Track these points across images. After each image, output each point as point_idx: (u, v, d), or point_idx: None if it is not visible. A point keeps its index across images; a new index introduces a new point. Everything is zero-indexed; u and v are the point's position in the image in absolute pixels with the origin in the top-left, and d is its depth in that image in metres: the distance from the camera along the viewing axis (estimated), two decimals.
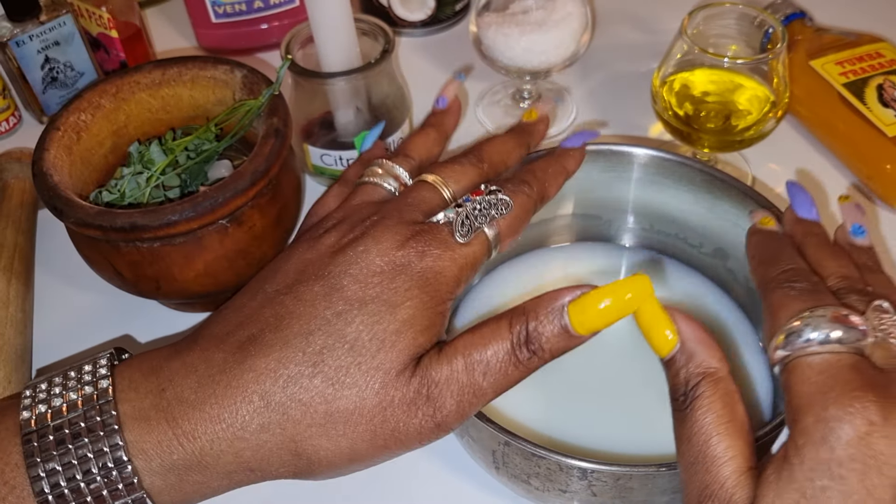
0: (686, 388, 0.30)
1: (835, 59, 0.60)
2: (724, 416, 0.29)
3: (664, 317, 0.31)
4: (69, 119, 0.48)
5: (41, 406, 0.30)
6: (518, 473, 0.38)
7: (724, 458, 0.28)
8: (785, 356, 0.29)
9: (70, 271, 0.54)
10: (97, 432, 0.29)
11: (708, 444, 0.28)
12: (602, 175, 0.49)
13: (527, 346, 0.31)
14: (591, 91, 0.68)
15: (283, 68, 0.49)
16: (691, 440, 0.29)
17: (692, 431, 0.29)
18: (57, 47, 0.64)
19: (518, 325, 0.31)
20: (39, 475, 0.29)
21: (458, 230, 0.34)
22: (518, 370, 0.31)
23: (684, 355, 0.30)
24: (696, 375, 0.30)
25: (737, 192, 0.45)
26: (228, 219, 0.45)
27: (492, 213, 0.35)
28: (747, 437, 0.29)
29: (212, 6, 0.69)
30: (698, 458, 0.29)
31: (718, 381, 0.30)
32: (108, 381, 0.31)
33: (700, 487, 0.28)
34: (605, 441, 0.42)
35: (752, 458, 0.28)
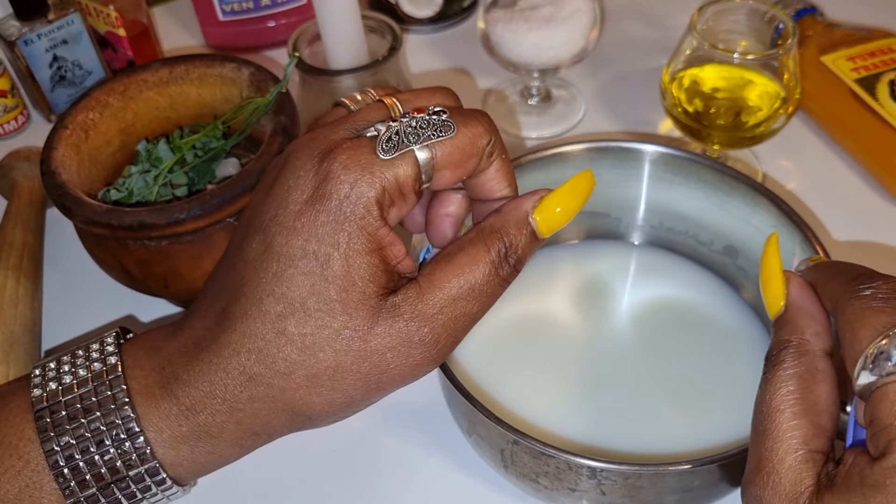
0: (772, 351, 0.29)
1: (846, 55, 0.60)
2: (795, 392, 0.28)
3: (779, 278, 0.31)
4: (77, 117, 0.48)
5: (52, 384, 0.31)
6: (527, 472, 0.37)
7: (784, 436, 0.27)
8: (871, 382, 0.26)
9: (78, 270, 0.54)
10: (108, 406, 0.30)
11: (771, 417, 0.28)
12: (611, 172, 0.48)
13: (507, 261, 0.31)
14: (599, 88, 0.67)
15: (290, 66, 0.49)
16: (761, 407, 0.29)
17: (763, 399, 0.29)
18: (65, 46, 0.64)
19: (495, 244, 0.31)
20: (54, 449, 0.30)
21: (382, 144, 0.29)
22: (502, 286, 0.32)
23: (783, 318, 0.30)
24: (783, 342, 0.29)
25: (747, 189, 0.45)
26: (236, 217, 0.45)
27: (429, 132, 0.30)
28: (816, 420, 0.27)
29: (219, 4, 0.69)
30: (762, 427, 0.28)
31: (804, 353, 0.28)
32: (117, 357, 0.31)
33: (757, 458, 0.28)
34: (614, 440, 0.42)
35: (816, 441, 0.27)
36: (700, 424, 0.43)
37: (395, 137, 0.30)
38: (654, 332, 0.47)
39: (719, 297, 0.49)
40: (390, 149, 0.29)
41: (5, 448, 0.30)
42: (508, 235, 0.31)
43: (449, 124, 0.30)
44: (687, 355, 0.46)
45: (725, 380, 0.45)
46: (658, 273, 0.50)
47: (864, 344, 0.26)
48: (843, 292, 0.29)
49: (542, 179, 0.47)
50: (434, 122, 0.30)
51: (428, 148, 0.30)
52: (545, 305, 0.49)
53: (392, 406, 0.47)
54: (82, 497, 0.30)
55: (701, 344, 0.46)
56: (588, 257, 0.51)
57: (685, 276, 0.50)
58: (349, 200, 0.29)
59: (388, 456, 0.45)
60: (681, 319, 0.48)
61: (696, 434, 0.42)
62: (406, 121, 0.30)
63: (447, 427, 0.44)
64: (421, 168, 0.30)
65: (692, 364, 0.45)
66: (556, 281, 0.50)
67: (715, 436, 0.42)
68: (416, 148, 0.30)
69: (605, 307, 0.48)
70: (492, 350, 0.46)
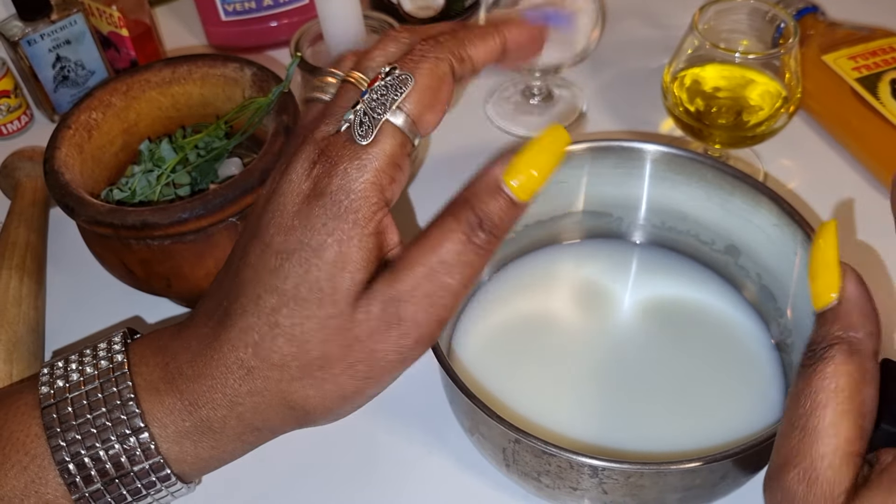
0: (819, 345, 0.28)
1: (847, 54, 0.60)
2: (844, 391, 0.27)
3: (835, 269, 0.29)
4: (80, 117, 0.49)
5: (59, 381, 0.31)
6: (528, 471, 0.38)
7: (827, 433, 0.26)
8: None
9: (81, 269, 0.54)
10: (114, 401, 0.30)
11: (814, 413, 0.27)
12: (613, 171, 0.49)
13: (480, 228, 0.30)
14: (601, 87, 0.67)
15: (292, 66, 0.49)
16: (800, 400, 0.27)
17: (805, 392, 0.27)
18: (68, 46, 0.64)
19: (464, 213, 0.30)
20: (59, 444, 0.30)
21: (357, 132, 0.30)
22: (480, 255, 0.31)
23: (835, 314, 0.28)
24: (834, 338, 0.28)
25: (749, 189, 0.45)
26: (238, 216, 0.45)
27: (391, 97, 0.30)
28: (861, 422, 0.27)
29: (221, 4, 0.69)
30: (799, 423, 0.27)
31: (855, 353, 0.27)
32: (123, 355, 0.32)
33: (790, 453, 0.27)
34: (615, 439, 0.42)
35: (857, 443, 0.27)
36: (701, 423, 0.43)
37: (365, 119, 0.30)
38: (656, 332, 0.47)
39: (720, 297, 0.49)
40: (366, 131, 0.30)
41: (12, 444, 0.30)
42: (479, 202, 0.30)
43: (404, 77, 0.31)
44: (688, 354, 0.46)
45: (726, 379, 0.45)
46: (659, 272, 0.50)
47: None
48: None
49: None
50: (391, 84, 0.31)
51: (399, 110, 0.30)
52: (547, 304, 0.49)
53: (394, 405, 0.47)
54: (87, 492, 0.30)
55: (702, 343, 0.46)
56: (590, 256, 0.51)
57: (686, 276, 0.50)
58: (344, 191, 0.30)
59: (390, 455, 0.45)
60: (682, 319, 0.48)
61: (697, 433, 0.42)
62: (367, 98, 0.30)
63: (449, 426, 0.44)
64: (403, 130, 0.31)
65: (693, 363, 0.46)
66: (557, 280, 0.50)
67: (716, 434, 0.42)
68: (388, 117, 0.30)
69: (606, 306, 0.49)
70: (493, 349, 0.46)
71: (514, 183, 0.30)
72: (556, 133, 0.31)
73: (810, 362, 0.28)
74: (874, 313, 0.28)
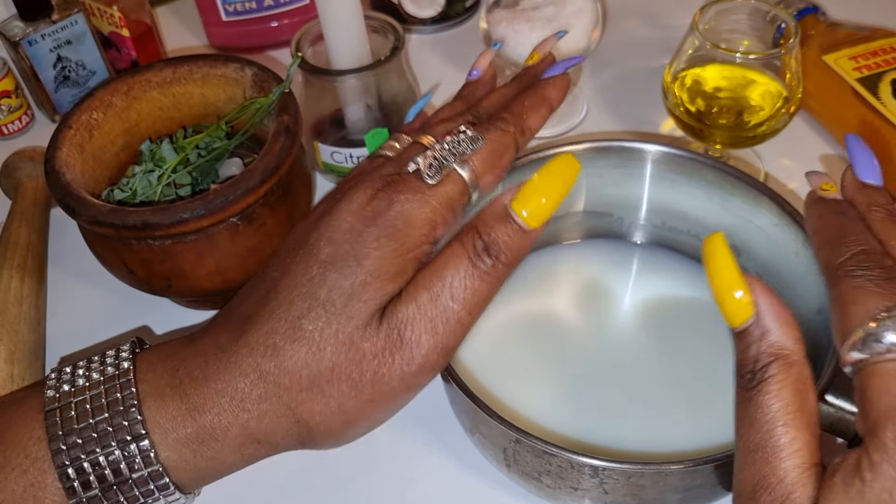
0: (755, 366, 0.27)
1: (848, 54, 0.60)
2: (793, 405, 0.27)
3: (741, 283, 0.28)
4: (81, 118, 0.49)
5: (65, 385, 0.32)
6: (529, 471, 0.38)
7: (789, 450, 0.26)
8: (860, 359, 0.26)
9: (82, 269, 0.54)
10: (117, 407, 0.30)
11: (772, 434, 0.26)
12: (613, 172, 0.49)
13: (486, 254, 0.31)
14: (601, 87, 0.67)
15: (293, 66, 0.49)
16: (753, 425, 0.27)
17: (756, 416, 0.27)
18: (69, 46, 0.64)
19: (470, 238, 0.31)
20: (60, 448, 0.30)
21: (427, 172, 0.33)
22: (485, 282, 0.31)
23: (758, 329, 0.28)
24: (767, 355, 0.27)
25: (749, 189, 0.45)
26: (239, 217, 0.45)
27: (461, 149, 0.33)
28: (814, 431, 0.27)
29: (222, 4, 0.69)
30: (759, 446, 0.27)
31: (792, 364, 0.27)
32: (129, 363, 0.32)
33: (756, 478, 0.27)
34: (616, 439, 0.42)
35: (817, 453, 0.27)
36: (702, 423, 0.43)
37: (435, 163, 0.33)
38: (656, 332, 0.47)
39: None
40: (435, 173, 0.33)
41: (14, 447, 0.30)
42: (486, 229, 0.31)
43: (476, 138, 0.34)
44: (689, 354, 0.46)
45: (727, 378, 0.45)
46: (660, 272, 0.50)
47: (853, 322, 0.27)
48: (838, 267, 0.29)
49: None
50: (463, 140, 0.34)
51: (466, 163, 0.33)
52: (547, 305, 0.49)
53: None
54: (85, 498, 0.30)
55: (703, 343, 0.46)
56: (590, 256, 0.51)
57: (687, 276, 0.50)
58: (402, 216, 0.32)
59: (391, 455, 0.45)
60: (683, 318, 0.48)
61: (698, 433, 0.42)
62: (439, 147, 0.33)
63: (449, 426, 0.44)
64: (466, 181, 0.33)
65: (694, 363, 0.46)
66: (558, 280, 0.50)
67: (717, 434, 0.42)
68: (456, 166, 0.33)
69: (607, 306, 0.49)
70: (494, 349, 0.46)
71: (525, 213, 0.32)
72: (566, 160, 0.32)
73: (749, 386, 0.27)
74: (791, 318, 0.28)
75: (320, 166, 0.59)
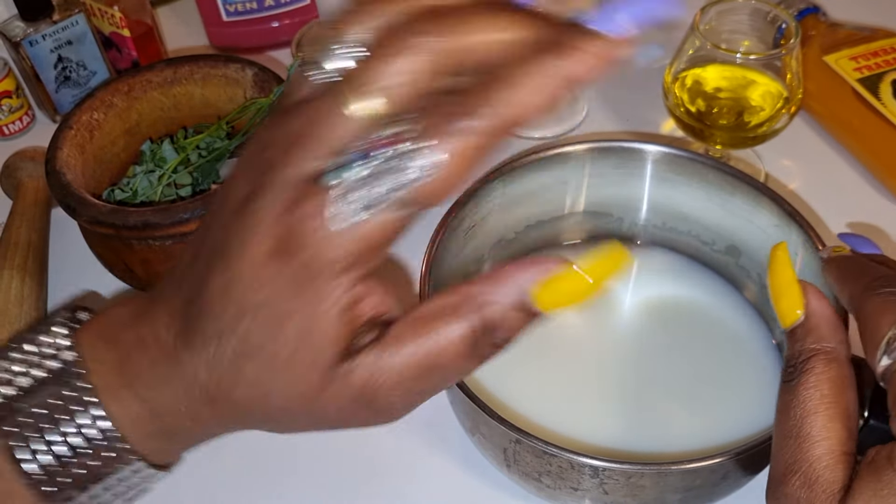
0: (798, 360, 0.29)
1: (849, 55, 0.60)
2: (828, 396, 0.28)
3: (796, 288, 0.31)
4: (82, 118, 0.49)
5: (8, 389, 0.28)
6: (529, 471, 0.38)
7: (820, 437, 0.28)
8: (889, 364, 0.28)
9: (83, 269, 0.54)
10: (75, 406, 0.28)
11: (805, 421, 0.28)
12: (614, 172, 0.49)
13: (487, 339, 0.27)
14: (602, 87, 0.67)
15: (293, 66, 0.49)
16: (789, 412, 0.29)
17: (793, 404, 0.29)
18: (70, 46, 0.64)
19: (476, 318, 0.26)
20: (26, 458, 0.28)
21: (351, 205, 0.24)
22: (475, 363, 0.28)
23: (805, 329, 0.30)
24: (810, 350, 0.29)
25: (750, 189, 0.45)
26: None
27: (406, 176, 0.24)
28: (848, 423, 0.28)
29: (223, 5, 0.69)
30: (793, 433, 0.28)
31: (832, 360, 0.29)
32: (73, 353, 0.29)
33: (788, 461, 0.28)
34: (616, 439, 0.42)
35: (848, 444, 0.28)
36: (702, 424, 0.43)
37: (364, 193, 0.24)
38: (657, 332, 0.47)
39: (721, 297, 0.49)
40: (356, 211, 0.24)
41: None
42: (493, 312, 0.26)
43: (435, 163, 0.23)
44: (689, 355, 0.46)
45: (727, 379, 0.45)
46: (660, 273, 0.50)
47: (884, 331, 0.28)
48: (864, 289, 0.31)
49: (545, 179, 0.47)
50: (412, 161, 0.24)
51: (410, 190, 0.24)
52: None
53: None
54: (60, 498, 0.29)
55: (703, 343, 0.46)
56: None
57: (687, 276, 0.50)
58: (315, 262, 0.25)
59: (391, 455, 0.45)
60: (683, 319, 0.48)
61: (697, 433, 0.42)
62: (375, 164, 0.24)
63: (450, 426, 0.44)
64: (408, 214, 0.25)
65: (694, 363, 0.46)
66: None
67: (717, 435, 0.42)
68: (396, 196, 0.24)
69: (607, 307, 0.49)
70: None
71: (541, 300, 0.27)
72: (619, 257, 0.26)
73: (792, 377, 0.29)
74: (840, 322, 0.30)
75: None
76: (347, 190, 0.24)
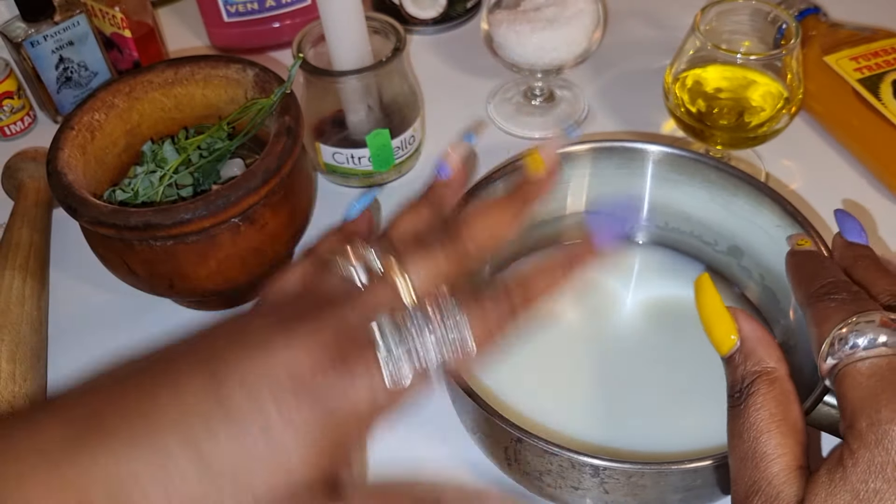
0: (742, 384, 0.30)
1: (849, 55, 0.60)
2: (776, 415, 0.29)
3: (726, 315, 0.32)
4: (83, 118, 0.49)
5: None
6: (530, 470, 0.38)
7: (774, 455, 0.28)
8: (833, 365, 0.29)
9: (84, 270, 0.55)
10: None
11: (758, 441, 0.29)
12: (615, 172, 0.49)
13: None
14: (602, 88, 0.67)
15: (294, 67, 0.49)
16: (742, 436, 0.29)
17: (744, 427, 0.29)
18: (71, 47, 0.64)
19: None
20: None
21: (388, 370, 0.27)
22: None
23: (743, 353, 0.31)
24: (752, 374, 0.30)
25: (751, 189, 0.45)
26: (241, 217, 0.45)
27: (441, 351, 0.28)
28: (799, 437, 0.29)
29: (224, 5, 0.69)
30: (748, 454, 0.29)
31: (774, 380, 0.30)
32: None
33: (748, 483, 0.29)
34: (617, 438, 0.42)
35: (802, 457, 0.29)
36: (703, 423, 0.43)
37: (400, 362, 0.27)
38: (658, 332, 0.47)
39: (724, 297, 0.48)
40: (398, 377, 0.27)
41: None
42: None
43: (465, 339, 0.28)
44: (690, 354, 0.46)
45: None
46: (662, 272, 0.50)
47: (824, 335, 0.30)
48: (811, 295, 0.33)
49: None
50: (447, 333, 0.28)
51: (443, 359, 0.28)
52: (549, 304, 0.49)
53: None
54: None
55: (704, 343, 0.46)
56: None
57: (689, 276, 0.50)
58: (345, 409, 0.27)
59: (392, 454, 0.45)
60: (684, 319, 0.48)
61: (698, 433, 0.42)
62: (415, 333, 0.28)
63: (451, 425, 0.44)
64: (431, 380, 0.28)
65: (695, 363, 0.46)
66: None
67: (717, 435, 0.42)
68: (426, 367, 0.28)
69: (608, 306, 0.49)
70: None
71: None
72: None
73: (739, 401, 0.30)
74: (774, 341, 0.31)
75: (322, 167, 0.59)
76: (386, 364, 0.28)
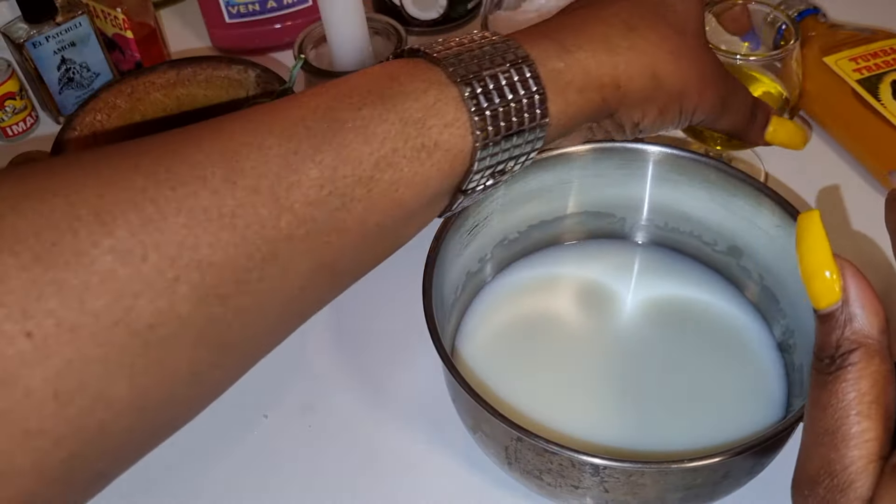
0: (836, 352, 0.27)
1: (849, 56, 0.60)
2: (869, 396, 0.26)
3: (833, 265, 0.27)
4: (85, 119, 0.49)
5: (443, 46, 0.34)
6: (530, 469, 0.38)
7: (859, 440, 0.26)
8: None
9: None
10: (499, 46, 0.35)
11: (845, 421, 0.26)
12: (616, 172, 0.49)
13: None
14: None
15: (296, 68, 0.49)
16: (826, 410, 0.26)
17: (830, 402, 0.26)
18: (73, 48, 0.64)
19: None
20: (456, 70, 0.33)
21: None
22: None
23: (844, 315, 0.27)
24: (850, 342, 0.27)
25: (751, 190, 0.45)
26: None
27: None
28: (888, 424, 0.26)
29: (225, 6, 0.69)
30: (829, 431, 0.26)
31: (874, 355, 0.26)
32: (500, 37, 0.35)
33: (821, 462, 0.26)
34: (617, 437, 0.42)
35: (887, 447, 0.26)
36: (703, 423, 0.43)
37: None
38: (658, 332, 0.47)
39: (723, 297, 0.49)
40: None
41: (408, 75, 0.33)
42: None
43: None
44: (690, 354, 0.46)
45: (728, 379, 0.45)
46: (662, 273, 0.50)
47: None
48: None
49: (548, 179, 0.47)
50: None
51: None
52: (549, 304, 0.49)
53: (396, 402, 0.47)
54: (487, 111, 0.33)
55: (704, 343, 0.47)
56: (591, 257, 0.52)
57: (689, 276, 0.50)
58: None
59: (392, 452, 0.45)
60: (684, 319, 0.48)
61: (698, 432, 0.42)
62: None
63: (451, 424, 0.45)
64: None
65: (695, 363, 0.46)
66: (560, 280, 0.50)
67: (717, 434, 0.42)
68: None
69: (608, 307, 0.49)
70: (496, 347, 0.47)
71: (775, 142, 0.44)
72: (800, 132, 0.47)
73: (829, 370, 0.27)
74: (882, 308, 0.27)
75: None
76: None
